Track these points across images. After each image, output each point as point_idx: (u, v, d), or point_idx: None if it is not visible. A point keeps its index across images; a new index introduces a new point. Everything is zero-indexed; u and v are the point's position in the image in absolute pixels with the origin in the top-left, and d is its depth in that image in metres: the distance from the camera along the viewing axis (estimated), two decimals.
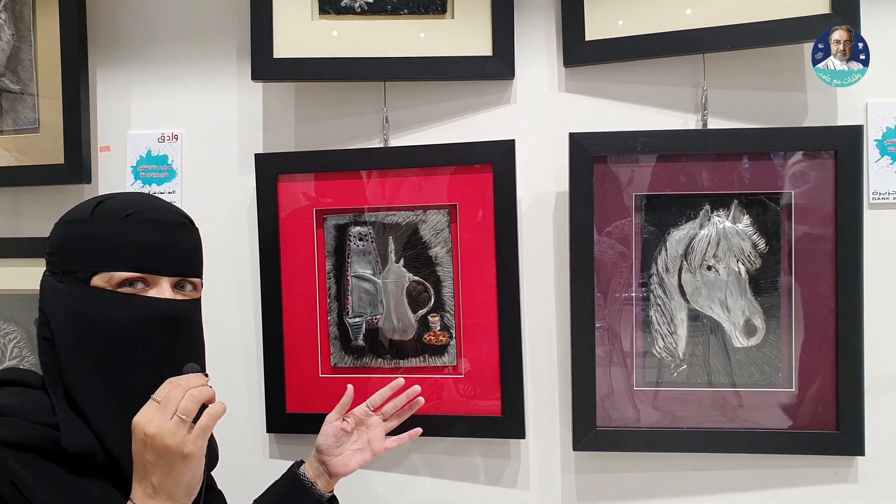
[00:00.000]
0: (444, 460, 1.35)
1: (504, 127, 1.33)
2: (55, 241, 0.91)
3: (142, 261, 0.88)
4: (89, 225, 0.88)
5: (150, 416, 0.77)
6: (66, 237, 0.89)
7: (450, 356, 1.33)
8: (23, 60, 1.44)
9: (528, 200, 1.32)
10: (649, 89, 1.29)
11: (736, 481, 1.27)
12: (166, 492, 0.77)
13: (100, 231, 0.88)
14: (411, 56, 1.30)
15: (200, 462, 0.79)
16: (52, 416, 0.83)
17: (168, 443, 0.75)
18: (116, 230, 0.88)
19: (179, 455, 0.76)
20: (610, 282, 1.27)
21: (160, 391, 0.79)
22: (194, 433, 0.77)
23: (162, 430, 0.76)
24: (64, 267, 0.88)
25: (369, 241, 1.35)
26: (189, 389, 0.78)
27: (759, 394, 1.25)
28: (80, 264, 0.87)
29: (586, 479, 1.31)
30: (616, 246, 1.26)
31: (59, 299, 0.87)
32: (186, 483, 0.78)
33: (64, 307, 0.86)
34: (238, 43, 1.41)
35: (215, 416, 0.79)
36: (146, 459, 0.76)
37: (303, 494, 1.12)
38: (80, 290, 0.86)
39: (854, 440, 1.21)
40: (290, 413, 1.36)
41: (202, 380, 0.82)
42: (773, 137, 1.22)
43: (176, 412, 0.76)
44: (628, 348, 1.27)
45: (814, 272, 1.23)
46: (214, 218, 1.40)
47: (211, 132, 1.42)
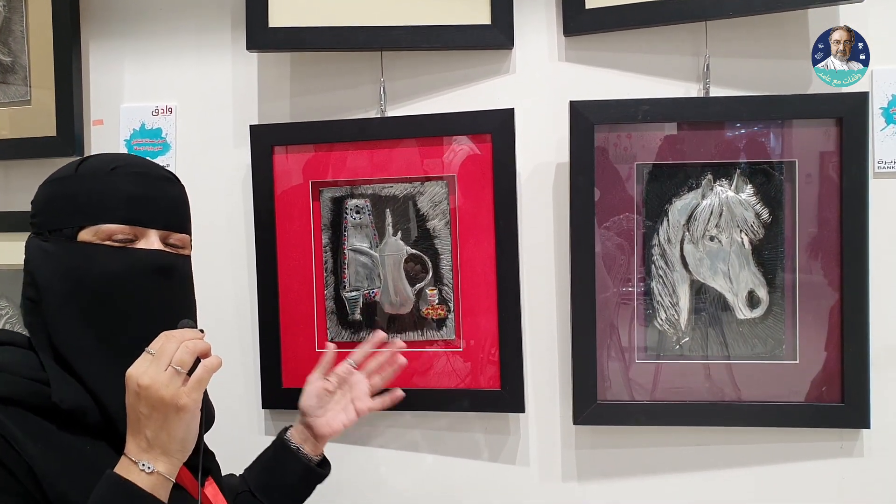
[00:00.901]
0: (443, 435, 1.33)
1: (503, 97, 1.31)
2: (39, 202, 0.88)
3: (129, 213, 0.85)
4: (74, 181, 0.86)
5: (143, 368, 0.75)
6: (51, 196, 0.87)
7: (448, 330, 1.30)
8: (14, 32, 1.41)
9: (528, 172, 1.30)
10: (650, 58, 1.27)
11: (739, 455, 1.25)
12: (160, 445, 0.75)
13: (85, 186, 0.86)
14: (409, 25, 1.27)
15: (195, 416, 0.77)
16: (40, 372, 0.80)
17: (162, 394, 0.73)
18: (102, 184, 0.86)
19: (174, 407, 0.74)
20: (611, 253, 1.25)
21: (154, 343, 0.77)
22: (189, 385, 0.75)
23: (156, 381, 0.74)
24: (49, 225, 0.86)
25: (366, 214, 1.33)
26: (184, 342, 0.76)
27: (762, 366, 1.22)
28: (66, 220, 0.85)
29: (587, 454, 1.29)
30: (617, 217, 1.24)
31: (45, 258, 0.85)
32: (181, 437, 0.76)
33: (51, 265, 0.84)
34: (232, 13, 1.38)
35: (211, 369, 0.77)
36: (140, 412, 0.74)
37: (290, 460, 1.10)
38: (68, 247, 0.84)
39: (859, 413, 1.19)
40: (286, 389, 1.34)
41: (197, 333, 0.80)
42: (776, 105, 1.19)
43: (171, 364, 0.75)
44: (629, 321, 1.25)
45: (818, 242, 1.21)
46: (209, 191, 1.38)
47: (205, 104, 1.40)
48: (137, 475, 0.74)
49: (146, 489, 0.73)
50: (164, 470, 0.75)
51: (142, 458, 0.74)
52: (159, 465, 0.75)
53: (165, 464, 0.75)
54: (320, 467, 1.15)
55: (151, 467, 0.74)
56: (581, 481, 1.30)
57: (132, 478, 0.73)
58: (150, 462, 0.74)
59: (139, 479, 0.73)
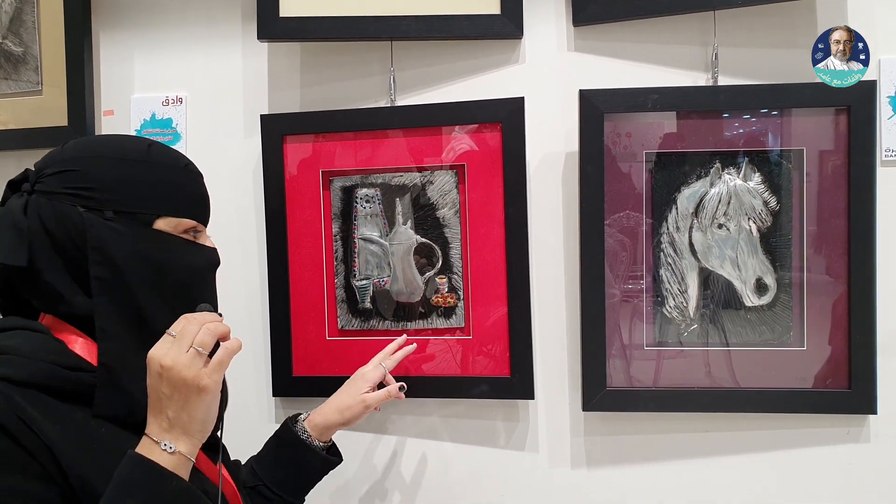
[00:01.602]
0: (453, 422, 1.35)
1: (513, 87, 1.31)
2: (99, 178, 0.85)
3: (199, 210, 0.92)
4: (150, 168, 0.87)
5: (165, 350, 0.76)
6: (120, 176, 0.85)
7: (457, 318, 1.31)
8: (25, 22, 1.42)
9: (538, 161, 1.31)
10: (659, 48, 1.28)
11: (746, 441, 1.26)
12: (181, 426, 0.76)
13: (163, 176, 0.88)
14: (419, 14, 1.28)
15: (216, 397, 0.78)
16: (57, 356, 0.81)
17: (184, 375, 0.74)
18: (180, 177, 0.90)
19: (195, 388, 0.75)
20: (620, 241, 1.26)
21: (175, 325, 0.78)
22: (210, 367, 0.76)
23: (178, 362, 0.75)
24: (119, 206, 0.84)
25: (376, 203, 1.34)
26: (205, 324, 0.78)
27: (769, 353, 1.24)
28: (142, 206, 0.86)
29: (596, 441, 1.30)
30: (626, 205, 1.25)
31: (117, 240, 0.83)
32: (202, 418, 0.77)
33: (127, 248, 0.84)
34: (242, 4, 1.39)
35: (231, 351, 0.78)
36: (162, 392, 0.75)
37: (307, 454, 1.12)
38: (145, 233, 0.85)
39: (866, 399, 1.20)
40: (297, 377, 1.35)
41: (217, 317, 0.81)
42: (784, 93, 1.20)
43: (192, 345, 0.76)
44: (638, 308, 1.26)
45: (826, 230, 1.22)
46: (220, 180, 1.39)
47: (216, 94, 1.41)
48: (160, 455, 0.75)
49: (168, 468, 0.74)
50: (185, 450, 0.76)
51: (163, 438, 0.75)
52: (180, 444, 0.76)
53: (186, 444, 0.76)
54: (332, 454, 1.16)
55: (173, 447, 0.75)
56: (590, 467, 1.31)
57: (154, 457, 0.74)
58: (171, 442, 0.75)
59: (161, 459, 0.75)
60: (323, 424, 1.13)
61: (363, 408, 1.14)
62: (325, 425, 1.13)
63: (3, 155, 1.47)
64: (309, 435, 1.13)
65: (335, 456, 1.17)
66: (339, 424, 1.14)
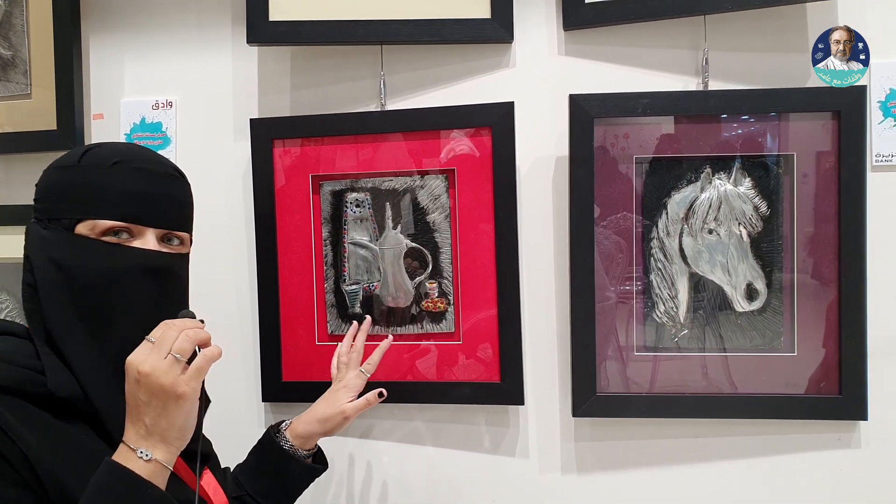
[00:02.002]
0: (444, 427, 1.34)
1: (503, 91, 1.31)
2: (42, 188, 0.89)
3: (128, 210, 0.85)
4: (76, 171, 0.86)
5: (144, 356, 0.75)
6: (53, 183, 0.87)
7: (448, 323, 1.31)
8: (14, 26, 1.42)
9: (528, 165, 1.30)
10: (650, 52, 1.28)
11: (738, 447, 1.26)
12: (159, 433, 0.75)
13: (86, 178, 0.85)
14: (409, 18, 1.28)
15: (194, 404, 0.77)
16: (36, 361, 0.81)
17: (162, 381, 0.74)
18: (103, 177, 0.85)
19: (173, 395, 0.74)
20: (610, 246, 1.25)
21: (155, 332, 0.77)
22: (188, 373, 0.75)
23: (156, 368, 0.74)
24: (49, 213, 0.86)
25: (366, 208, 1.33)
26: (184, 330, 0.77)
27: (760, 359, 1.23)
28: (64, 211, 0.85)
29: (586, 446, 1.30)
30: (616, 210, 1.25)
31: (42, 246, 0.85)
32: (180, 425, 0.76)
33: (46, 254, 0.84)
34: (232, 7, 1.39)
35: (210, 358, 0.77)
36: (139, 399, 0.75)
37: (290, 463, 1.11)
38: (64, 238, 0.84)
39: (857, 405, 1.20)
40: (286, 382, 1.35)
41: (197, 324, 0.80)
42: (775, 98, 1.20)
43: (170, 352, 0.75)
44: (628, 314, 1.26)
45: (816, 235, 1.21)
46: (210, 185, 1.39)
47: (206, 98, 1.41)
48: (136, 462, 0.74)
49: (144, 476, 0.73)
50: (162, 458, 0.75)
51: (140, 446, 0.75)
52: (157, 452, 0.75)
53: (164, 451, 0.75)
54: (317, 461, 1.15)
55: (150, 455, 0.74)
56: (580, 473, 1.30)
57: (130, 465, 0.74)
58: (148, 449, 0.75)
59: (137, 467, 0.74)
60: (304, 434, 1.13)
61: (343, 419, 1.13)
62: (307, 435, 1.13)
63: None
64: (291, 444, 1.12)
65: (321, 463, 1.16)
66: (321, 434, 1.13)
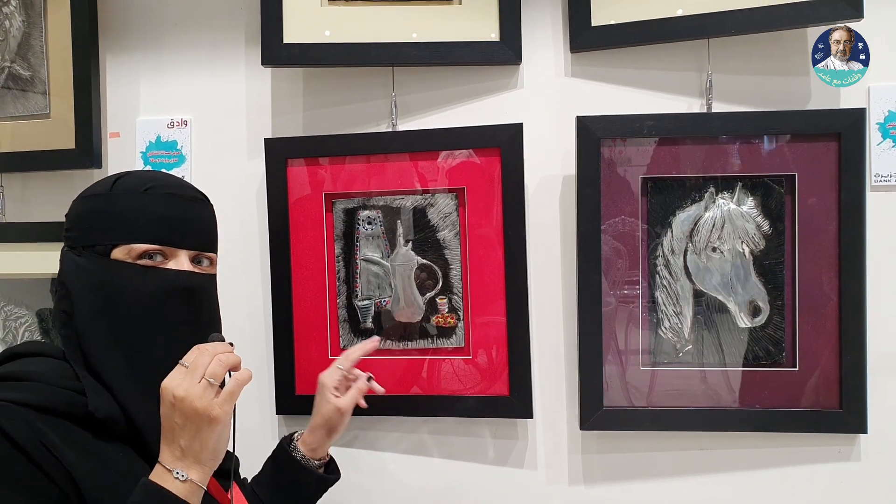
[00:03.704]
0: (453, 440, 1.37)
1: (511, 112, 1.34)
2: (74, 217, 0.92)
3: (161, 233, 0.90)
4: (108, 199, 0.90)
5: (178, 380, 0.78)
6: (85, 212, 0.91)
7: (458, 338, 1.34)
8: (33, 47, 1.45)
9: (536, 184, 1.34)
10: (655, 74, 1.31)
11: (741, 460, 1.29)
12: (193, 455, 0.78)
13: (119, 205, 0.89)
14: (419, 41, 1.31)
15: (227, 427, 0.80)
16: (75, 382, 0.84)
17: (196, 405, 0.77)
18: (136, 203, 0.89)
19: (206, 418, 0.77)
20: (616, 263, 1.28)
21: (188, 356, 0.80)
22: (221, 397, 0.79)
23: (190, 393, 0.77)
24: (83, 241, 0.89)
25: (378, 225, 1.36)
26: (217, 355, 0.80)
27: (763, 373, 1.26)
28: (99, 238, 0.89)
29: (593, 459, 1.33)
30: (622, 228, 1.28)
31: (78, 273, 0.88)
32: (213, 447, 0.79)
33: (84, 280, 0.88)
34: (246, 29, 1.42)
35: (242, 382, 0.80)
36: (174, 422, 0.78)
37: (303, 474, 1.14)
38: (100, 263, 0.88)
39: (857, 418, 1.23)
40: (299, 395, 1.38)
41: (228, 347, 0.83)
42: (776, 120, 1.23)
43: (204, 376, 0.78)
44: (634, 329, 1.29)
45: (817, 253, 1.24)
46: (224, 203, 1.38)
47: (220, 118, 1.44)
48: (172, 482, 0.77)
49: (180, 496, 0.77)
50: (196, 478, 0.79)
51: (176, 466, 0.78)
52: (192, 473, 0.78)
53: (198, 472, 0.79)
54: (329, 471, 1.19)
55: (185, 475, 0.78)
56: (587, 485, 1.33)
57: (167, 485, 0.77)
58: (183, 470, 0.78)
59: (173, 487, 0.77)
60: (313, 441, 1.16)
61: (339, 413, 1.14)
62: (316, 442, 1.16)
63: (10, 176, 1.50)
64: (303, 454, 1.16)
65: (333, 472, 1.19)
66: (327, 436, 1.16)
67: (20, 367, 0.85)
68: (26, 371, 0.83)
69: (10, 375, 0.83)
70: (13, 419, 0.77)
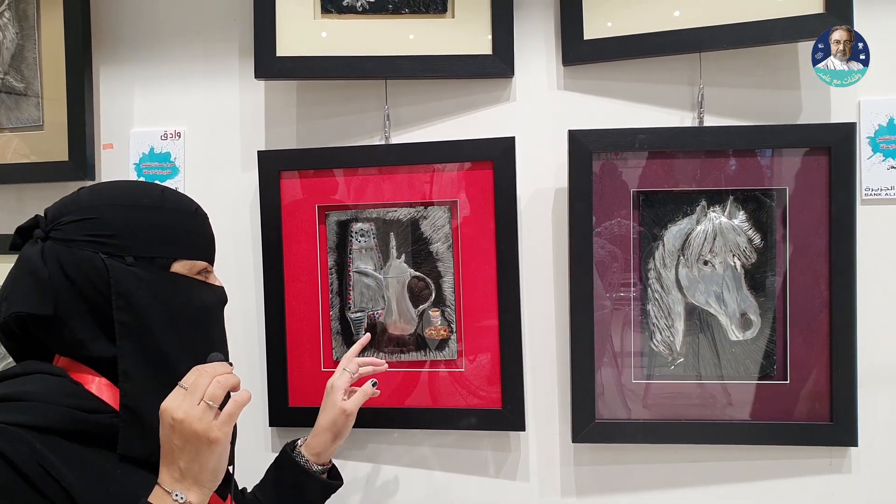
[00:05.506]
0: (446, 452, 1.37)
1: (504, 124, 1.35)
2: (120, 225, 0.88)
3: (210, 252, 1.00)
4: (162, 213, 0.92)
5: (178, 402, 0.78)
6: (139, 222, 0.90)
7: (450, 350, 1.34)
8: (27, 59, 1.45)
9: (528, 197, 1.34)
10: (647, 87, 1.32)
11: (732, 472, 1.30)
12: (192, 476, 0.78)
13: (175, 221, 0.94)
14: (412, 54, 1.31)
15: (226, 448, 0.80)
16: (75, 399, 0.84)
17: (195, 427, 0.77)
18: (192, 221, 0.97)
19: (206, 440, 0.77)
20: (608, 276, 1.29)
21: (187, 378, 0.80)
22: (220, 419, 0.79)
23: (189, 415, 0.77)
24: (136, 251, 0.89)
25: (370, 237, 1.37)
26: (216, 376, 0.80)
27: (754, 386, 1.27)
28: (159, 250, 0.91)
29: (585, 471, 1.33)
30: (614, 241, 1.29)
31: (138, 283, 0.88)
32: (212, 468, 0.79)
33: (146, 291, 0.88)
34: (240, 41, 1.42)
35: (241, 403, 0.80)
36: (174, 444, 0.78)
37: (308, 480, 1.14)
38: (163, 276, 0.91)
39: (848, 431, 1.24)
40: (292, 407, 1.38)
41: (228, 368, 0.83)
42: (767, 134, 1.24)
43: (203, 398, 0.78)
44: (626, 342, 1.29)
45: (808, 267, 1.25)
46: (217, 214, 1.37)
47: (213, 130, 1.44)
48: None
49: None
50: (195, 500, 0.78)
51: (175, 488, 0.78)
52: (191, 495, 0.78)
53: (197, 494, 0.79)
54: (332, 477, 1.19)
55: (184, 497, 0.78)
56: (580, 497, 1.34)
57: None
58: (182, 492, 0.78)
59: None
60: (317, 446, 1.16)
61: (345, 416, 1.15)
62: (320, 446, 1.16)
63: (4, 188, 1.50)
64: (307, 460, 1.16)
65: (335, 479, 1.20)
66: (332, 441, 1.16)
67: (17, 386, 0.84)
68: (24, 391, 0.83)
69: (6, 396, 0.82)
70: (12, 442, 0.76)
